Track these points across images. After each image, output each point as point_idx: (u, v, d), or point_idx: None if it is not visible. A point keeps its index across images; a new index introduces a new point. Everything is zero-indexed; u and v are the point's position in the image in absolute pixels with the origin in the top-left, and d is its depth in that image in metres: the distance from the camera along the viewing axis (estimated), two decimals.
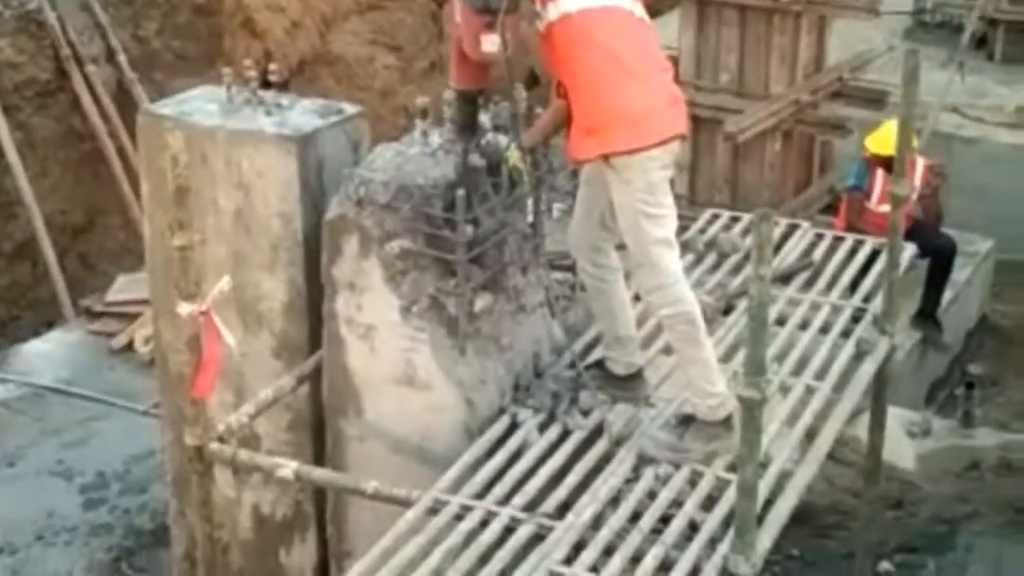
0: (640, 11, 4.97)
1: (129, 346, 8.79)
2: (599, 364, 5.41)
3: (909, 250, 6.60)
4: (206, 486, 5.03)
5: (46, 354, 8.84)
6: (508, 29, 4.78)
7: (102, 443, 7.81)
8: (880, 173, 8.94)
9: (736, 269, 6.41)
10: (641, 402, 5.31)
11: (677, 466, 4.97)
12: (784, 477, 4.99)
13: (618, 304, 5.29)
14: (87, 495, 7.42)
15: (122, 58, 10.62)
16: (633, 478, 4.95)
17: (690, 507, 4.77)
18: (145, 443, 7.54)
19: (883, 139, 8.83)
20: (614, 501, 4.81)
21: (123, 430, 7.88)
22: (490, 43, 4.81)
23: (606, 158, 4.85)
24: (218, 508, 5.33)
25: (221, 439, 5.01)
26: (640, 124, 4.82)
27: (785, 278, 6.38)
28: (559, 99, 5.05)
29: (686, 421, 5.12)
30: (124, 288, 9.28)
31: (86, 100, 10.33)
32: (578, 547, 4.56)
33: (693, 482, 4.92)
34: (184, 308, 4.68)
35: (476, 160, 5.14)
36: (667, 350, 5.41)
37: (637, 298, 5.38)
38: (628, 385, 5.35)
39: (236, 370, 5.53)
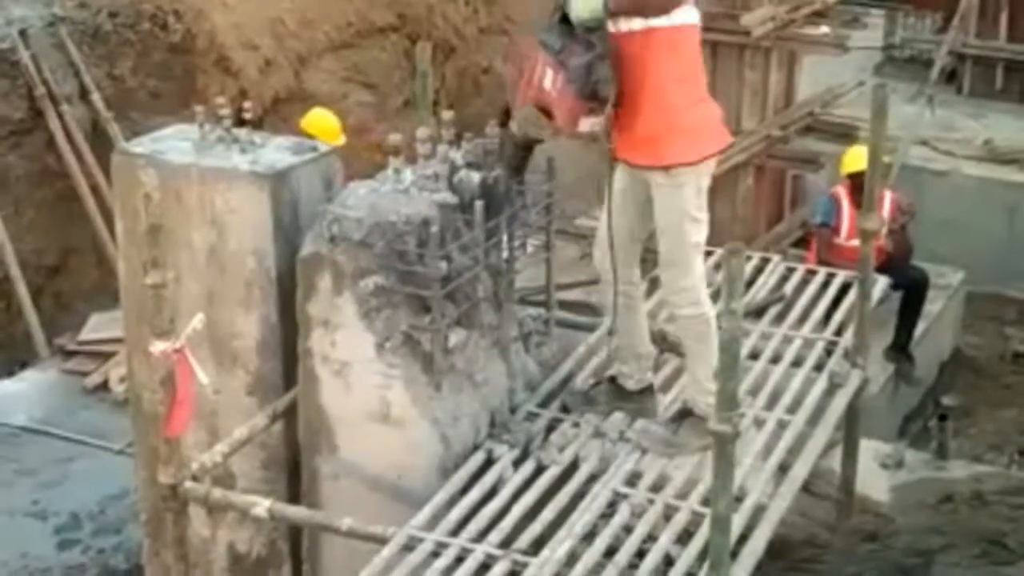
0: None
1: (104, 385, 8.75)
2: (611, 380, 5.58)
3: (881, 283, 6.65)
4: (181, 525, 5.02)
5: (20, 394, 8.80)
6: (608, 116, 4.96)
7: (76, 483, 7.77)
8: (848, 208, 9.02)
9: None
10: (651, 416, 5.50)
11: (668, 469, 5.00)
12: (758, 511, 5.01)
13: (641, 320, 5.55)
14: (61, 535, 7.37)
15: (96, 97, 10.61)
16: (608, 513, 4.96)
17: (665, 541, 4.78)
18: (120, 483, 7.49)
19: (853, 158, 8.92)
20: (589, 536, 4.82)
21: (98, 470, 7.83)
22: (588, 125, 5.01)
23: (667, 168, 5.04)
24: (193, 547, 5.31)
25: (195, 478, 5.00)
26: (701, 135, 5.16)
27: (758, 312, 6.42)
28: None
29: (680, 417, 5.35)
30: (98, 327, 9.25)
31: (60, 139, 10.32)
32: None
33: (668, 516, 4.93)
34: (158, 346, 4.68)
35: (448, 197, 5.16)
36: None
37: None
38: (639, 399, 5.54)
39: (210, 408, 5.52)
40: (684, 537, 4.82)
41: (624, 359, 5.56)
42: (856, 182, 8.59)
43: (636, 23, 4.95)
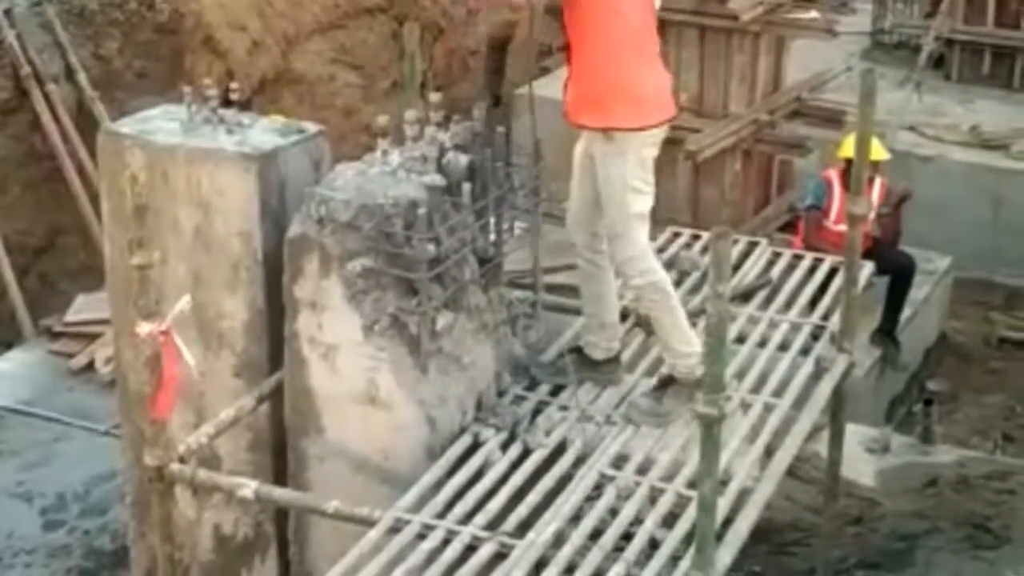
0: None
1: (89, 366, 8.73)
2: (578, 350, 5.60)
3: (867, 268, 6.66)
4: (166, 507, 5.01)
5: (5, 374, 8.77)
6: None
7: (62, 464, 7.75)
8: (839, 192, 9.02)
9: (696, 287, 6.45)
10: (616, 384, 5.55)
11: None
12: (744, 494, 5.02)
13: (608, 290, 5.53)
14: (47, 517, 7.36)
15: (82, 77, 10.57)
16: (594, 496, 4.97)
17: (651, 524, 4.79)
18: (105, 464, 7.49)
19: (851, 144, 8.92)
20: (575, 519, 4.82)
21: (83, 451, 7.82)
22: None
23: (606, 130, 5.03)
24: (178, 529, 5.31)
25: (181, 459, 4.99)
26: (645, 103, 5.12)
27: (744, 296, 6.42)
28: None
29: (664, 385, 5.41)
30: (84, 308, 9.22)
31: (46, 119, 10.28)
32: (540, 565, 4.57)
33: (654, 499, 4.95)
34: (144, 328, 4.67)
35: (436, 179, 5.16)
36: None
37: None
38: (605, 368, 5.58)
39: (196, 390, 5.51)
40: (670, 520, 4.83)
41: (590, 328, 5.59)
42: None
43: None
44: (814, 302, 6.46)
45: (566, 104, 5.22)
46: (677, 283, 6.49)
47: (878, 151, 8.57)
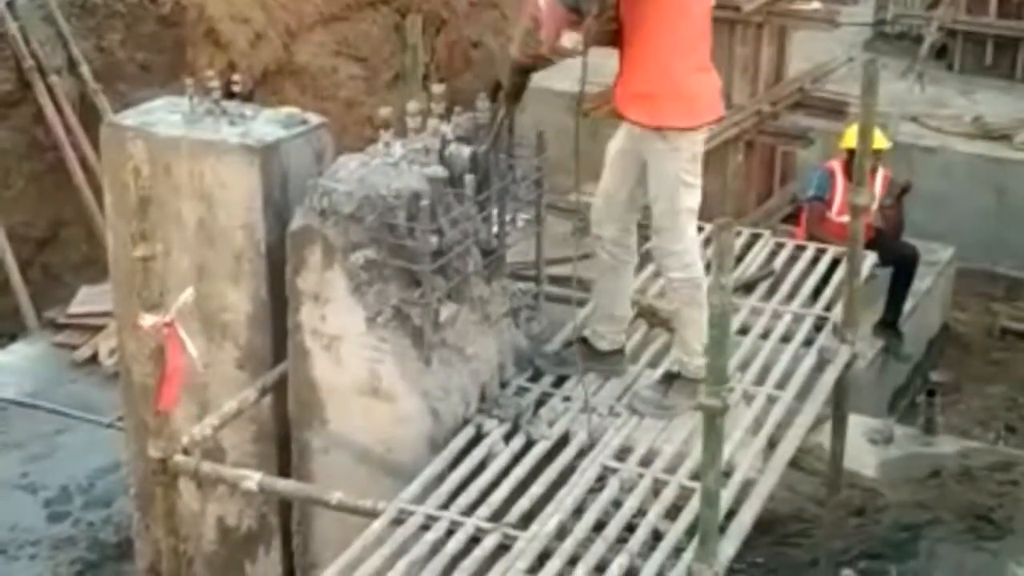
0: None
1: (93, 358, 8.75)
2: (583, 340, 5.64)
3: (870, 259, 6.66)
4: (170, 499, 5.02)
5: (9, 366, 8.79)
6: (589, 30, 5.01)
7: (66, 456, 7.77)
8: (842, 183, 9.01)
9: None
10: (620, 375, 5.60)
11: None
12: (747, 485, 5.03)
13: (625, 285, 5.63)
14: (51, 509, 7.37)
15: (85, 69, 10.57)
16: (598, 487, 4.97)
17: (654, 516, 4.80)
18: (109, 456, 7.50)
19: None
20: (579, 511, 4.83)
21: (87, 443, 7.84)
22: (569, 40, 5.06)
23: (659, 129, 5.11)
24: (183, 521, 5.31)
25: (185, 451, 5.00)
26: (698, 102, 5.21)
27: (747, 287, 6.42)
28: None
29: (669, 379, 5.45)
30: (87, 300, 9.23)
31: (49, 111, 10.28)
32: (543, 557, 4.58)
33: (657, 490, 4.95)
34: (147, 320, 4.67)
35: (438, 171, 5.16)
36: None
37: None
38: (610, 359, 5.62)
39: (200, 382, 5.51)
40: (673, 511, 4.83)
41: (599, 319, 5.63)
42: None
43: None
44: (817, 293, 6.46)
45: (615, 97, 5.28)
46: None
47: (880, 140, 8.56)
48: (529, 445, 5.18)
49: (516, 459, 5.07)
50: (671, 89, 5.12)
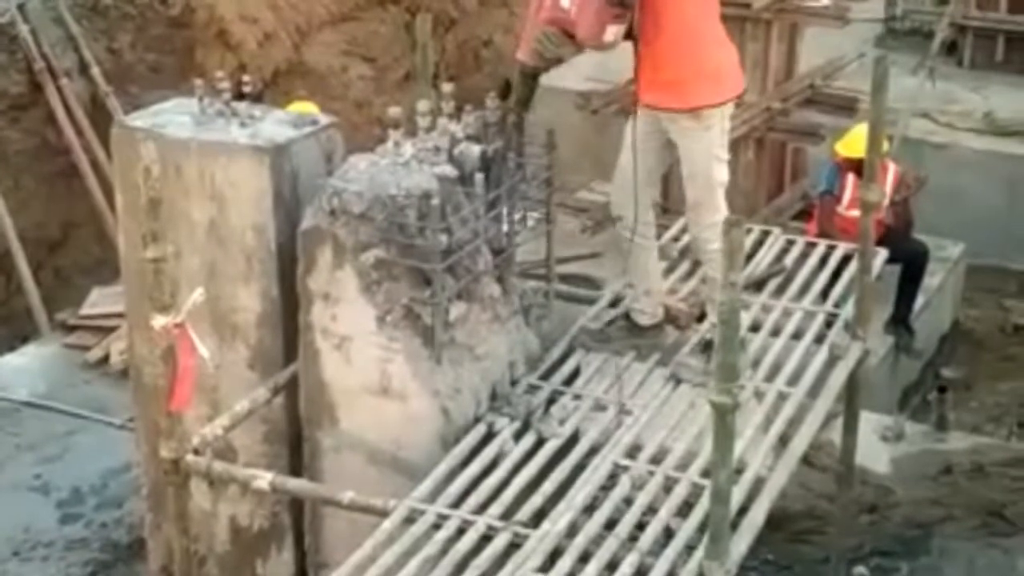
0: None
1: (105, 359, 8.76)
2: (625, 316, 5.82)
3: (881, 255, 6.65)
4: (182, 499, 5.03)
5: (21, 368, 8.81)
6: (631, 23, 5.18)
7: (78, 457, 7.79)
8: (851, 178, 9.00)
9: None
10: (661, 348, 5.71)
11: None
12: (758, 483, 5.02)
13: (654, 260, 5.85)
14: (64, 510, 7.39)
15: (96, 71, 10.60)
16: (609, 485, 4.97)
17: (665, 513, 4.80)
18: (121, 457, 7.52)
19: (852, 142, 8.90)
20: (589, 508, 4.83)
21: (99, 444, 7.85)
22: (612, 34, 5.17)
23: (693, 110, 5.27)
24: (194, 521, 5.33)
25: (197, 451, 5.01)
26: (724, 78, 5.42)
27: (758, 284, 6.42)
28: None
29: (708, 347, 5.53)
30: (99, 301, 9.25)
31: (60, 113, 10.32)
32: (554, 555, 4.58)
33: (668, 488, 4.95)
34: (158, 321, 4.68)
35: (448, 170, 5.16)
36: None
37: None
38: (652, 334, 5.81)
39: (211, 382, 5.52)
40: (684, 509, 4.83)
41: (636, 296, 5.80)
42: (855, 165, 8.56)
43: None
44: (827, 290, 6.45)
45: (638, 88, 5.42)
46: (690, 272, 6.50)
47: (854, 146, 8.57)
48: (540, 443, 5.18)
49: (527, 458, 5.07)
50: (699, 71, 5.30)
